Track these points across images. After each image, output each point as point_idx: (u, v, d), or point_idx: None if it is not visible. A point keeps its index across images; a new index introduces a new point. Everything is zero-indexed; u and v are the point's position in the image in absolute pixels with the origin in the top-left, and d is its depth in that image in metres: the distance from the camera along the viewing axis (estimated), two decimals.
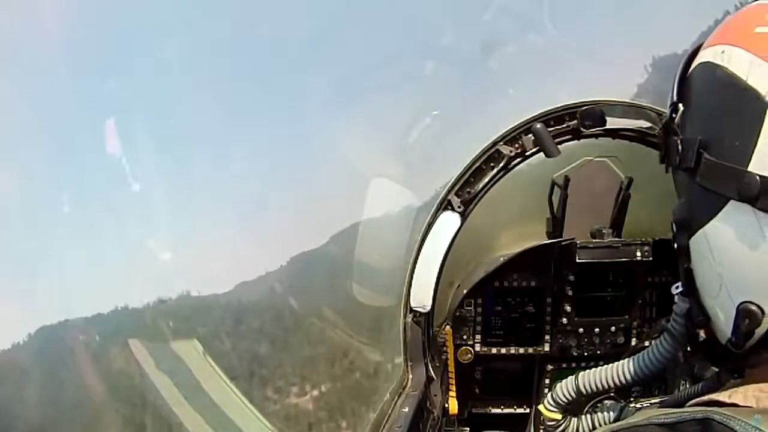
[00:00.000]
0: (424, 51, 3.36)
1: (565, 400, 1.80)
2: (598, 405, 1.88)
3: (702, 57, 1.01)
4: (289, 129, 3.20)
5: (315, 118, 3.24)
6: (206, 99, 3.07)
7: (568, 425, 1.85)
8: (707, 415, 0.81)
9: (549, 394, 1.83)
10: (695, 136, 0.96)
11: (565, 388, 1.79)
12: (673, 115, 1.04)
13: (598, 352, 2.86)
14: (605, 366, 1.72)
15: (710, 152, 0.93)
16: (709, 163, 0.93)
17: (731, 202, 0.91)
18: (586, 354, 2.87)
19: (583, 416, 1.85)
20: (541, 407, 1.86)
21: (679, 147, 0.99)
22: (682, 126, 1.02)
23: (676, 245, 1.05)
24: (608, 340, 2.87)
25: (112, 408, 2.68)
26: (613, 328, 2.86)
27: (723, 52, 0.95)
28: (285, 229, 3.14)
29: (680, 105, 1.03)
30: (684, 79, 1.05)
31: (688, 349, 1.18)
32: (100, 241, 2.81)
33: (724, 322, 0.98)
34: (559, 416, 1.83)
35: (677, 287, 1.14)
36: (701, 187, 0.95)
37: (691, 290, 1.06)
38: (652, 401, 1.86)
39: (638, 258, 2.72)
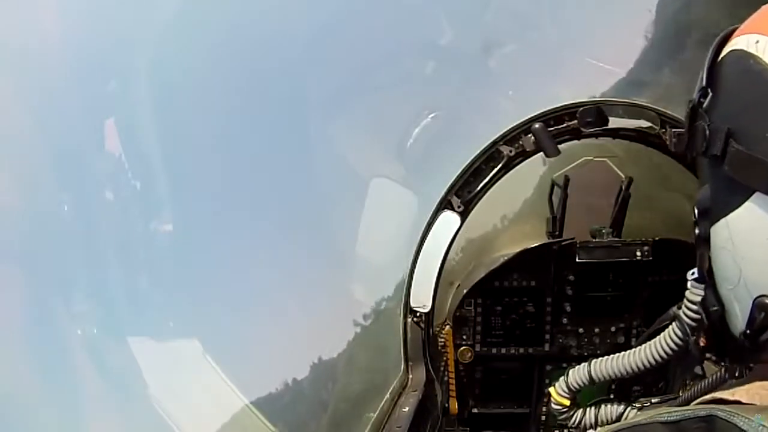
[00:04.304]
0: (424, 51, 3.36)
1: (577, 387, 1.82)
2: (602, 404, 1.89)
3: (735, 43, 0.98)
4: (288, 129, 3.19)
5: (314, 118, 3.24)
6: (205, 99, 3.07)
7: (572, 415, 1.86)
8: (711, 412, 0.81)
9: (561, 379, 1.85)
10: (724, 123, 0.94)
11: (577, 374, 1.81)
12: (702, 100, 1.00)
13: (598, 352, 2.86)
14: (618, 354, 1.73)
15: (739, 142, 0.91)
16: (736, 152, 0.91)
17: (757, 194, 0.90)
18: (586, 354, 2.88)
19: (587, 409, 1.86)
20: (551, 390, 1.87)
21: (707, 133, 0.96)
22: (710, 112, 0.99)
23: (696, 231, 1.03)
24: (608, 340, 2.88)
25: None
26: (613, 328, 2.87)
27: (758, 42, 0.93)
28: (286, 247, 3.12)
29: (709, 90, 1.00)
30: (714, 64, 1.01)
31: (701, 340, 1.17)
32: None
33: (739, 313, 0.97)
34: (567, 402, 1.85)
35: (693, 273, 1.13)
36: (726, 176, 0.93)
37: (708, 278, 1.05)
38: (653, 401, 1.86)
39: (638, 258, 2.72)
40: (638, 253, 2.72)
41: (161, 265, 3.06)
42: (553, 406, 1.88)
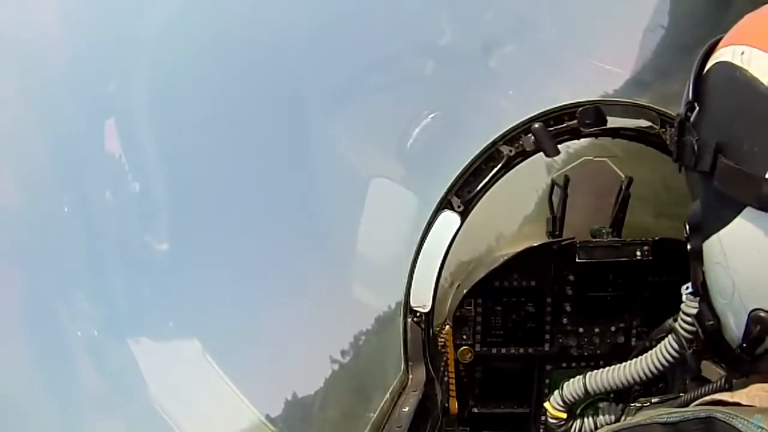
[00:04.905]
0: (424, 51, 3.36)
1: (572, 400, 1.81)
2: (600, 406, 1.89)
3: (720, 55, 0.97)
4: (288, 129, 3.19)
5: (314, 118, 3.24)
6: (205, 100, 3.07)
7: (571, 427, 1.85)
8: (710, 414, 0.81)
9: (556, 393, 1.84)
10: (712, 138, 0.93)
11: (572, 387, 1.80)
12: (689, 114, 0.99)
13: (598, 351, 2.87)
14: (613, 366, 1.73)
15: (727, 156, 0.90)
16: (726, 167, 0.89)
17: (748, 208, 0.88)
18: (586, 354, 2.88)
19: (585, 417, 1.85)
20: (547, 405, 1.86)
21: (695, 148, 0.95)
22: (698, 126, 0.97)
23: (689, 247, 1.02)
24: (608, 340, 2.87)
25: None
26: (613, 328, 2.87)
27: (743, 53, 0.91)
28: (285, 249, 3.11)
29: (696, 104, 0.98)
30: (700, 77, 1.00)
31: (697, 349, 1.17)
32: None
33: (735, 326, 0.97)
34: (564, 415, 1.83)
35: (687, 287, 1.12)
36: (717, 191, 0.92)
37: (703, 292, 1.04)
38: (653, 401, 1.86)
39: (638, 258, 2.72)
40: (638, 253, 2.72)
41: (161, 265, 3.06)
42: (550, 420, 1.87)
